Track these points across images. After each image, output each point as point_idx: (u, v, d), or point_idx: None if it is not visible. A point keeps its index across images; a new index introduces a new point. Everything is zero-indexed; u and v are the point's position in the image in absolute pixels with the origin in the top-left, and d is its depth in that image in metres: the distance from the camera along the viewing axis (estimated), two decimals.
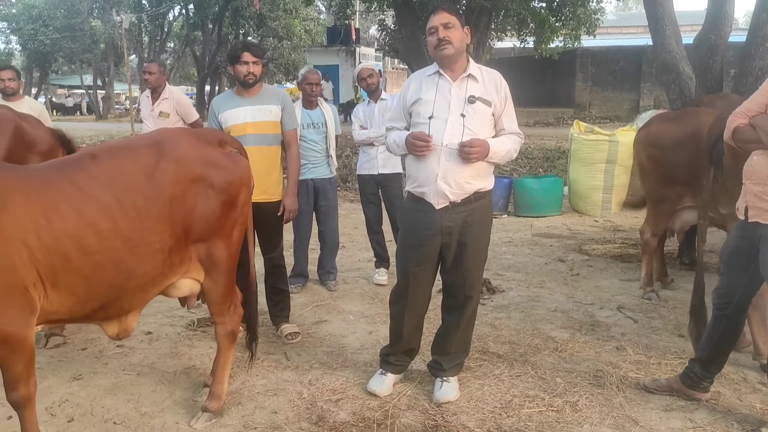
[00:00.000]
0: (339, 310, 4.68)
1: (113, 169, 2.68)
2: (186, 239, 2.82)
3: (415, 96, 3.14)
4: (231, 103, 3.93)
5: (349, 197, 9.38)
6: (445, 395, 3.21)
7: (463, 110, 3.04)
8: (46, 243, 2.45)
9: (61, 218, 2.49)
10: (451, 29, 3.01)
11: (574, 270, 5.63)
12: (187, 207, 2.77)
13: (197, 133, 3.06)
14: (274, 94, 4.06)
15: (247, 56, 3.83)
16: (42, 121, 4.40)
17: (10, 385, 2.54)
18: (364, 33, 29.02)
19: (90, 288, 2.60)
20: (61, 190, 2.55)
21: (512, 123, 3.19)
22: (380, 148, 5.20)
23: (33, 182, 2.54)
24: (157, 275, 2.77)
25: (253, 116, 3.90)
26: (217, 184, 2.85)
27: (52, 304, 2.53)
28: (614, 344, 3.91)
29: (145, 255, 2.68)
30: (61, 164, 2.75)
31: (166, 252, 2.75)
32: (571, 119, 15.60)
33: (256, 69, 3.86)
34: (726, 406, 3.12)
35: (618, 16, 34.27)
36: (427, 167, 3.07)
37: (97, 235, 2.55)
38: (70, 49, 30.04)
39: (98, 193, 2.60)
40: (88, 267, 2.55)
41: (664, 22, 7.11)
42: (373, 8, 16.27)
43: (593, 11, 14.11)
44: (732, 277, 3.00)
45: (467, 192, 3.08)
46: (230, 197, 2.91)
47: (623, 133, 7.89)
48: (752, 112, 2.91)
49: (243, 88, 3.93)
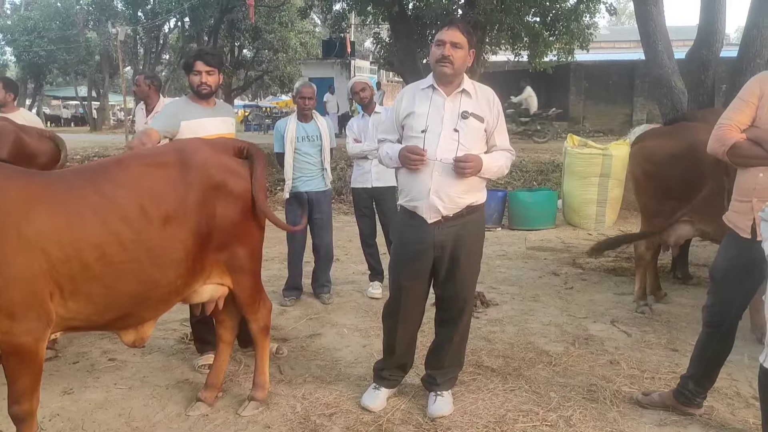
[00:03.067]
0: (333, 323, 4.66)
1: (139, 176, 2.69)
2: (208, 246, 2.85)
3: (409, 109, 3.14)
4: (194, 113, 3.70)
5: (344, 210, 9.38)
6: (439, 410, 3.20)
7: (456, 125, 3.05)
8: (68, 253, 2.43)
9: (84, 227, 2.48)
10: (458, 50, 3.02)
11: (568, 283, 5.64)
12: (209, 214, 2.82)
13: (213, 143, 3.10)
14: (225, 107, 4.08)
15: (201, 66, 3.63)
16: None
17: (14, 398, 2.49)
18: (359, 46, 29.15)
19: (110, 298, 2.59)
20: (86, 198, 2.54)
21: (504, 139, 3.21)
22: (374, 161, 5.20)
23: (58, 190, 2.52)
24: (180, 284, 2.79)
25: (220, 128, 3.76)
26: (236, 191, 2.92)
27: (69, 312, 2.51)
28: (608, 358, 3.91)
29: (168, 264, 2.69)
30: (87, 171, 2.74)
31: (189, 260, 2.77)
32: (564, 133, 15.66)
33: (209, 79, 3.66)
34: (719, 421, 3.12)
35: (611, 31, 34.56)
36: (419, 181, 3.07)
37: (120, 245, 2.55)
38: (65, 60, 30.03)
39: (124, 201, 2.60)
40: (109, 277, 2.54)
41: (656, 37, 7.18)
42: (368, 21, 16.35)
43: (586, 26, 14.20)
44: (726, 296, 2.97)
45: (459, 206, 3.08)
46: (249, 203, 2.99)
47: (617, 147, 7.93)
48: (743, 125, 2.86)
49: (199, 98, 3.73)
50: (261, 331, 3.29)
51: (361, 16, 14.48)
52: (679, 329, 4.39)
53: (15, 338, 2.37)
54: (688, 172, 4.35)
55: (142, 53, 30.51)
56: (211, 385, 3.33)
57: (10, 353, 2.41)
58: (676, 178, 4.46)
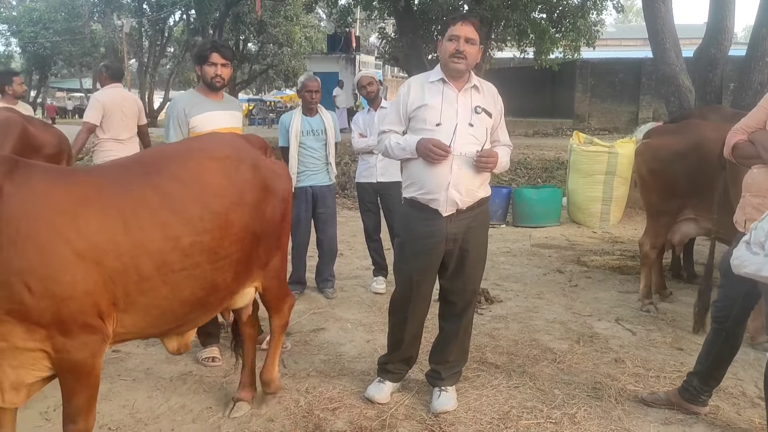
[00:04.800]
0: (337, 318, 4.66)
1: (199, 169, 2.47)
2: (257, 247, 2.75)
3: (419, 101, 3.11)
4: (203, 107, 3.69)
5: (348, 205, 9.37)
6: (443, 405, 3.19)
7: (470, 119, 3.06)
8: (125, 263, 2.17)
9: (143, 233, 2.22)
10: (472, 45, 3.04)
11: (572, 281, 5.62)
12: (259, 214, 2.71)
13: (250, 139, 2.97)
14: (233, 100, 4.05)
15: (216, 57, 3.62)
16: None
17: (70, 417, 2.30)
18: (364, 41, 29.11)
19: (168, 308, 2.38)
20: (142, 198, 2.27)
21: (506, 135, 3.30)
22: (379, 156, 5.19)
23: (108, 189, 2.23)
24: (235, 286, 2.67)
25: (229, 122, 3.75)
26: (279, 193, 2.87)
27: (123, 327, 2.30)
28: (612, 356, 3.90)
29: (227, 267, 2.53)
30: (139, 165, 2.43)
31: (244, 261, 2.65)
32: (570, 130, 15.64)
33: (224, 72, 3.66)
34: (724, 421, 3.10)
35: (618, 29, 34.46)
36: (438, 175, 3.02)
37: (182, 251, 2.32)
38: (70, 52, 30.09)
39: (185, 199, 2.36)
40: (168, 287, 2.31)
41: (664, 35, 7.16)
42: (373, 16, 16.33)
43: (593, 23, 14.16)
44: (730, 290, 3.00)
45: (474, 199, 3.11)
46: (286, 206, 2.96)
47: (623, 145, 7.90)
48: (751, 128, 2.96)
49: (210, 91, 3.72)
50: (281, 327, 3.27)
51: (367, 10, 14.44)
52: (684, 328, 4.37)
53: (70, 355, 2.16)
54: (694, 170, 4.34)
55: (147, 46, 30.51)
56: (247, 383, 3.26)
57: (66, 371, 2.21)
58: (681, 176, 4.44)
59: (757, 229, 2.36)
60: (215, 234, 2.43)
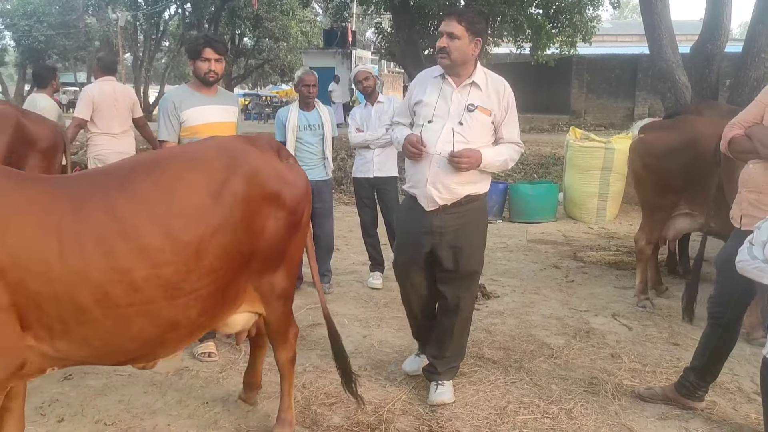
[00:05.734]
0: (333, 313, 4.59)
1: (172, 187, 2.10)
2: (246, 269, 2.34)
3: (419, 96, 3.16)
4: (194, 100, 3.66)
5: (344, 200, 9.35)
6: (440, 397, 3.20)
7: (461, 118, 3.05)
8: (56, 290, 1.90)
9: (82, 260, 1.92)
10: (455, 40, 2.99)
11: (569, 277, 5.63)
12: (253, 233, 2.31)
13: (257, 142, 2.56)
14: (229, 95, 4.01)
15: (209, 53, 3.57)
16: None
17: None
18: (360, 36, 29.03)
19: (113, 342, 2.08)
20: (91, 220, 1.96)
21: (512, 132, 3.18)
22: (376, 151, 5.19)
23: (56, 204, 1.95)
24: (205, 320, 2.27)
25: (221, 116, 3.72)
26: (288, 203, 2.45)
27: (59, 352, 2.03)
28: (609, 351, 3.90)
29: (193, 303, 2.13)
30: (103, 178, 2.13)
31: (220, 293, 2.23)
32: (566, 126, 15.65)
33: (217, 67, 3.62)
34: (721, 416, 3.11)
35: (614, 25, 34.47)
36: (419, 170, 3.14)
37: (130, 285, 1.99)
38: (64, 46, 29.94)
39: (144, 224, 2.02)
40: (112, 322, 2.01)
41: (660, 30, 7.15)
42: (370, 11, 16.29)
43: (589, 19, 14.17)
44: (726, 286, 3.00)
45: (457, 196, 3.11)
46: (297, 217, 2.53)
47: (619, 141, 7.89)
48: (748, 123, 2.95)
49: (203, 85, 3.68)
50: (289, 362, 2.85)
51: (363, 5, 14.42)
52: (680, 324, 4.38)
53: None
54: (688, 166, 4.34)
55: (142, 40, 30.37)
56: (250, 384, 3.14)
57: None
58: (676, 172, 4.45)
59: (761, 229, 2.36)
60: (179, 267, 2.03)
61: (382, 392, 3.36)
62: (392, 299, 4.94)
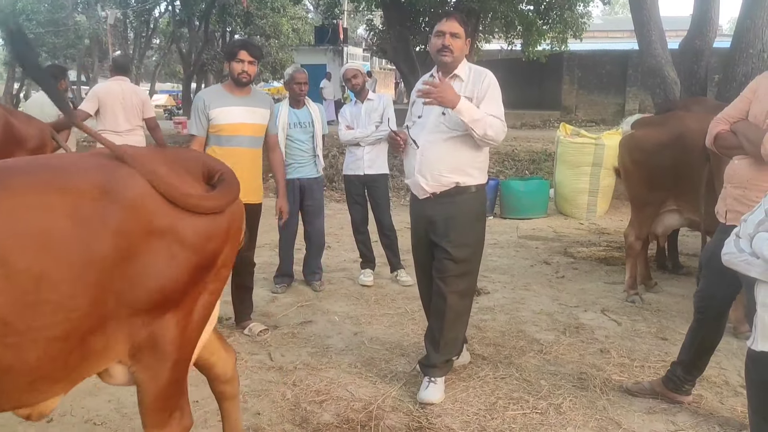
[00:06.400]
0: (324, 310, 4.65)
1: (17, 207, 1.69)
2: (119, 314, 1.84)
3: (413, 97, 3.40)
4: (223, 100, 3.89)
5: (335, 197, 9.36)
6: (428, 396, 3.21)
7: (444, 108, 3.16)
8: None
9: None
10: (457, 39, 3.18)
11: (559, 272, 5.65)
12: (132, 271, 1.81)
13: (176, 160, 2.03)
14: (263, 98, 4.16)
15: (244, 55, 3.85)
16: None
17: None
18: (352, 33, 28.98)
19: None
20: None
21: (492, 107, 3.16)
22: (366, 148, 5.19)
23: None
24: (54, 369, 1.78)
25: (248, 117, 3.93)
26: (190, 240, 1.89)
27: None
28: (598, 347, 3.93)
29: (31, 345, 1.70)
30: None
31: (76, 338, 1.77)
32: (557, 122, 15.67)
33: (250, 69, 3.88)
34: (708, 409, 3.14)
35: (604, 21, 34.56)
36: (409, 161, 3.33)
37: None
38: (53, 44, 29.68)
39: None
40: None
41: (650, 26, 7.17)
42: (361, 8, 16.26)
43: (580, 15, 14.23)
44: (712, 280, 3.01)
45: (445, 185, 3.22)
46: (207, 257, 1.95)
47: (609, 137, 7.93)
48: (733, 119, 2.97)
49: (235, 86, 3.93)
50: None
51: (354, 2, 14.41)
52: (669, 318, 4.41)
53: None
54: (677, 161, 4.37)
55: (132, 38, 30.19)
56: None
57: None
58: (665, 167, 4.47)
59: (747, 222, 2.37)
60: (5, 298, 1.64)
61: (373, 389, 3.37)
62: (383, 296, 4.96)
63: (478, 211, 3.37)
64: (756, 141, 2.77)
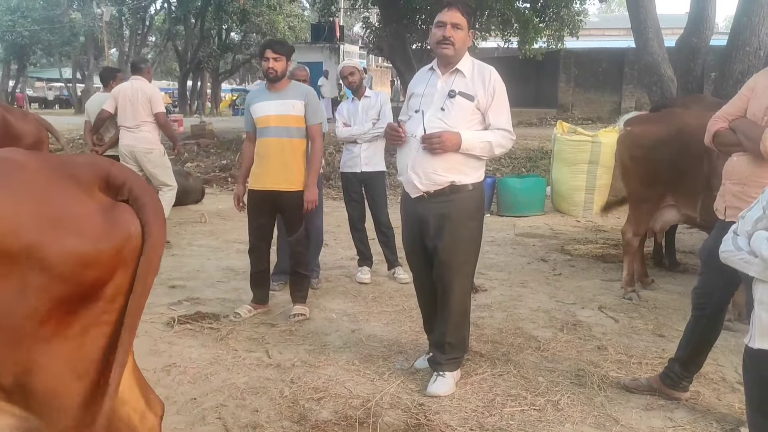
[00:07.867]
0: (321, 308, 4.65)
1: None
2: None
3: (411, 90, 3.30)
4: (260, 96, 4.27)
5: (333, 195, 9.34)
6: (436, 389, 3.22)
7: (443, 104, 3.10)
8: None
9: None
10: (459, 30, 3.06)
11: (556, 270, 5.66)
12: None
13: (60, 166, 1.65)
14: (298, 91, 4.31)
15: (269, 53, 4.15)
16: None
17: None
18: (348, 30, 28.98)
19: None
20: None
21: (499, 118, 3.15)
22: (363, 145, 5.18)
23: None
24: None
25: (275, 109, 4.18)
26: (55, 265, 1.50)
27: None
28: (595, 344, 3.93)
29: None
30: None
31: None
32: (553, 120, 15.70)
33: (276, 65, 4.15)
34: (705, 406, 3.15)
35: (601, 18, 34.59)
36: (403, 157, 3.23)
37: None
38: (49, 41, 29.58)
39: None
40: None
41: (646, 24, 7.19)
42: (357, 5, 16.24)
43: (576, 13, 14.23)
44: (710, 277, 3.02)
45: (438, 184, 3.12)
46: (82, 285, 1.57)
47: (606, 134, 7.94)
48: (731, 116, 2.97)
49: (270, 82, 4.22)
50: None
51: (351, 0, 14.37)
52: (666, 315, 4.42)
53: None
54: (675, 158, 4.38)
55: (128, 35, 30.10)
56: None
57: None
58: (662, 164, 4.48)
59: (745, 218, 2.37)
60: None
61: (371, 386, 3.37)
62: (380, 294, 4.95)
63: (474, 209, 3.27)
64: (755, 138, 2.77)
